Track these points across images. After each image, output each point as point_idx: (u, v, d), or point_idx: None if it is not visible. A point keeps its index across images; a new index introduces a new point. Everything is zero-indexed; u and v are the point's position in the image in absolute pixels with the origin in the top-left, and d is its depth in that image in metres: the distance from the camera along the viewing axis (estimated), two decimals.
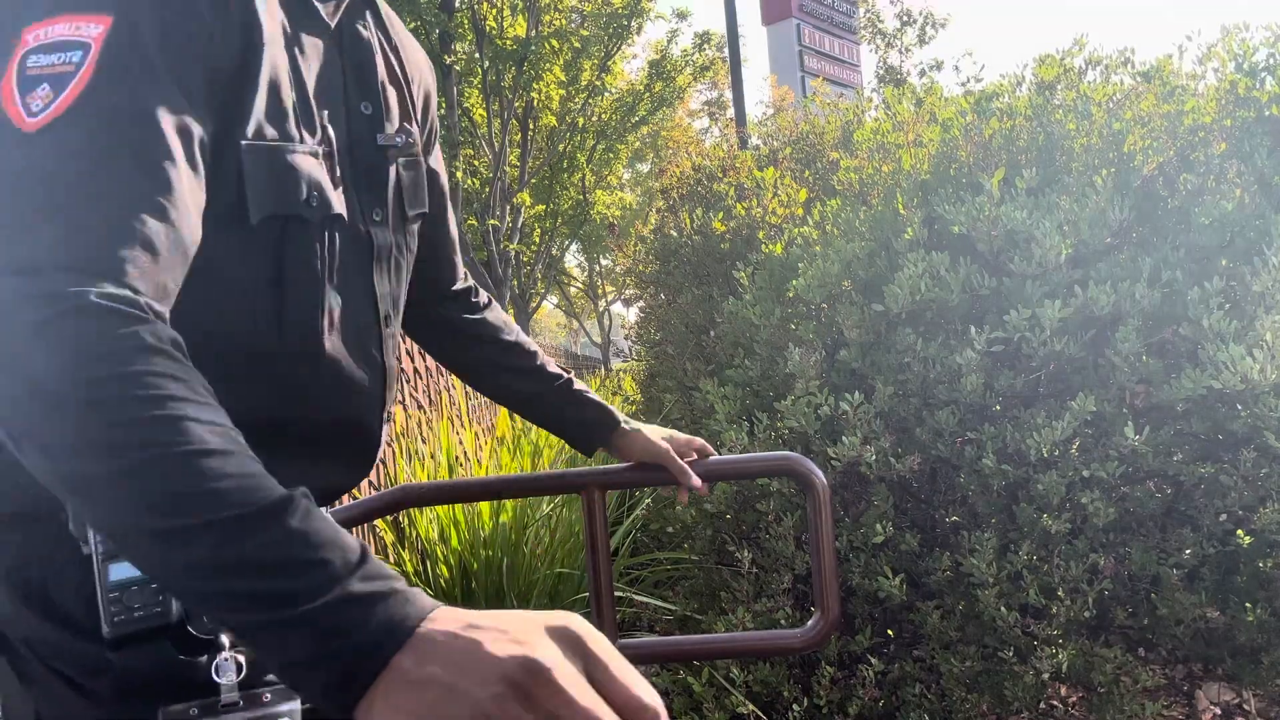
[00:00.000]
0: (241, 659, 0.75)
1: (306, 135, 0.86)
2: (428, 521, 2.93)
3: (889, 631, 2.31)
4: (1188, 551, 1.91)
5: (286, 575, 0.55)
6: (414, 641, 0.53)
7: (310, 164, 0.86)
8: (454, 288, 1.27)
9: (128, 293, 0.64)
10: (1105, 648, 1.93)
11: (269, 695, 0.75)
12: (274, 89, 0.83)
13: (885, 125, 2.66)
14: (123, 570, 0.73)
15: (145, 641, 0.74)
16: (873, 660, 2.12)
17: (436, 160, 1.16)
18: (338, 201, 0.89)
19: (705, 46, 16.24)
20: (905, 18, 22.45)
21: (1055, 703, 2.19)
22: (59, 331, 0.60)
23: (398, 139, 0.98)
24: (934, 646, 2.06)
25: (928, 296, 1.99)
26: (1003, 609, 1.90)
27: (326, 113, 0.90)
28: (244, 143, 0.80)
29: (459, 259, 1.28)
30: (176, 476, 0.57)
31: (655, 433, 1.31)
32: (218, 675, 0.73)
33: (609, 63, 14.83)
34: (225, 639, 0.75)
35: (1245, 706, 2.30)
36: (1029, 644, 1.95)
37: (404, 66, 1.05)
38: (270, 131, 0.82)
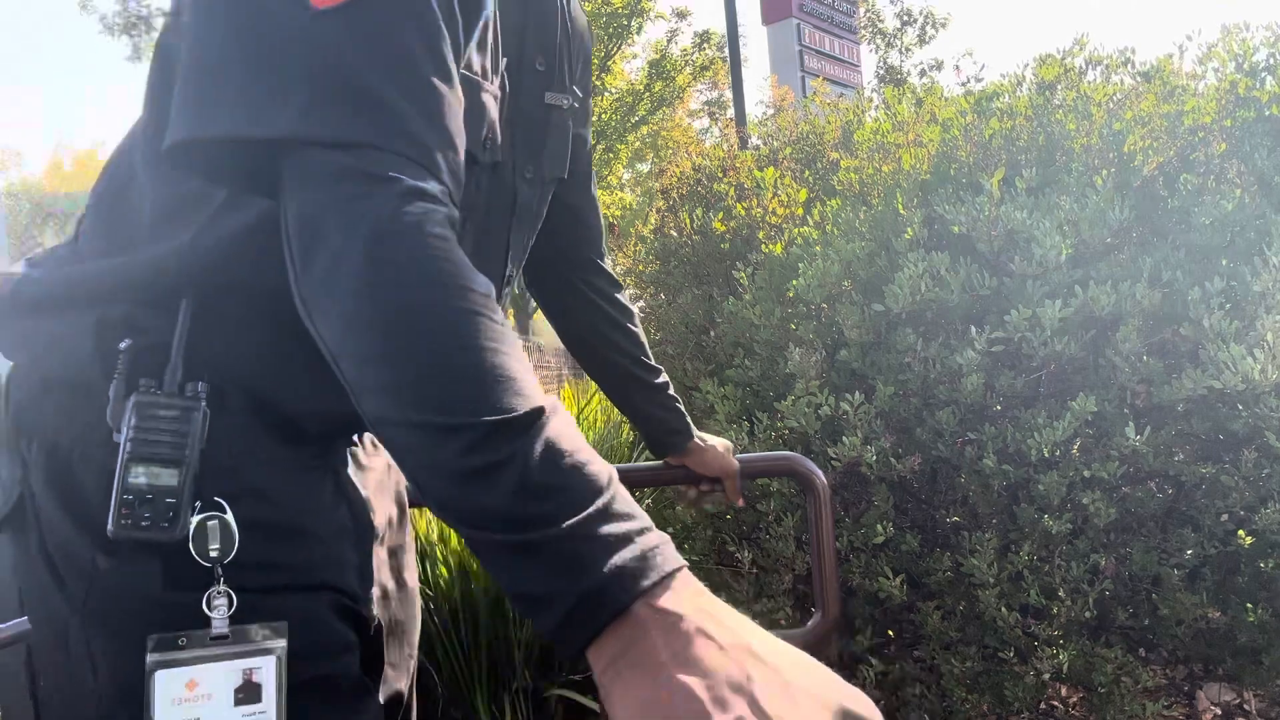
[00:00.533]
0: (233, 594, 0.74)
1: (493, 77, 0.84)
2: (427, 522, 2.92)
3: (889, 632, 2.31)
4: (1189, 552, 1.90)
5: (521, 497, 0.52)
6: (656, 598, 0.49)
7: (493, 105, 0.84)
8: (599, 260, 1.28)
9: (435, 185, 0.63)
10: (1106, 648, 1.93)
11: (257, 632, 0.74)
12: (486, 22, 0.81)
13: (885, 125, 2.66)
14: (142, 477, 0.72)
15: (143, 554, 0.73)
16: (873, 660, 2.11)
17: (587, 125, 1.15)
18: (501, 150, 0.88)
19: (705, 46, 16.25)
20: (905, 18, 22.47)
21: (1056, 703, 2.19)
22: (379, 209, 0.59)
23: (563, 101, 0.96)
24: (934, 647, 2.06)
25: (928, 296, 1.99)
26: (1003, 609, 1.90)
27: (506, 60, 0.88)
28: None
29: (603, 232, 1.29)
30: (452, 370, 0.55)
31: (722, 446, 1.37)
32: (208, 607, 0.73)
33: (609, 63, 14.83)
34: (220, 572, 0.74)
35: (1246, 707, 2.29)
36: (1030, 644, 1.95)
37: (573, 28, 1.02)
38: (475, 64, 0.80)
